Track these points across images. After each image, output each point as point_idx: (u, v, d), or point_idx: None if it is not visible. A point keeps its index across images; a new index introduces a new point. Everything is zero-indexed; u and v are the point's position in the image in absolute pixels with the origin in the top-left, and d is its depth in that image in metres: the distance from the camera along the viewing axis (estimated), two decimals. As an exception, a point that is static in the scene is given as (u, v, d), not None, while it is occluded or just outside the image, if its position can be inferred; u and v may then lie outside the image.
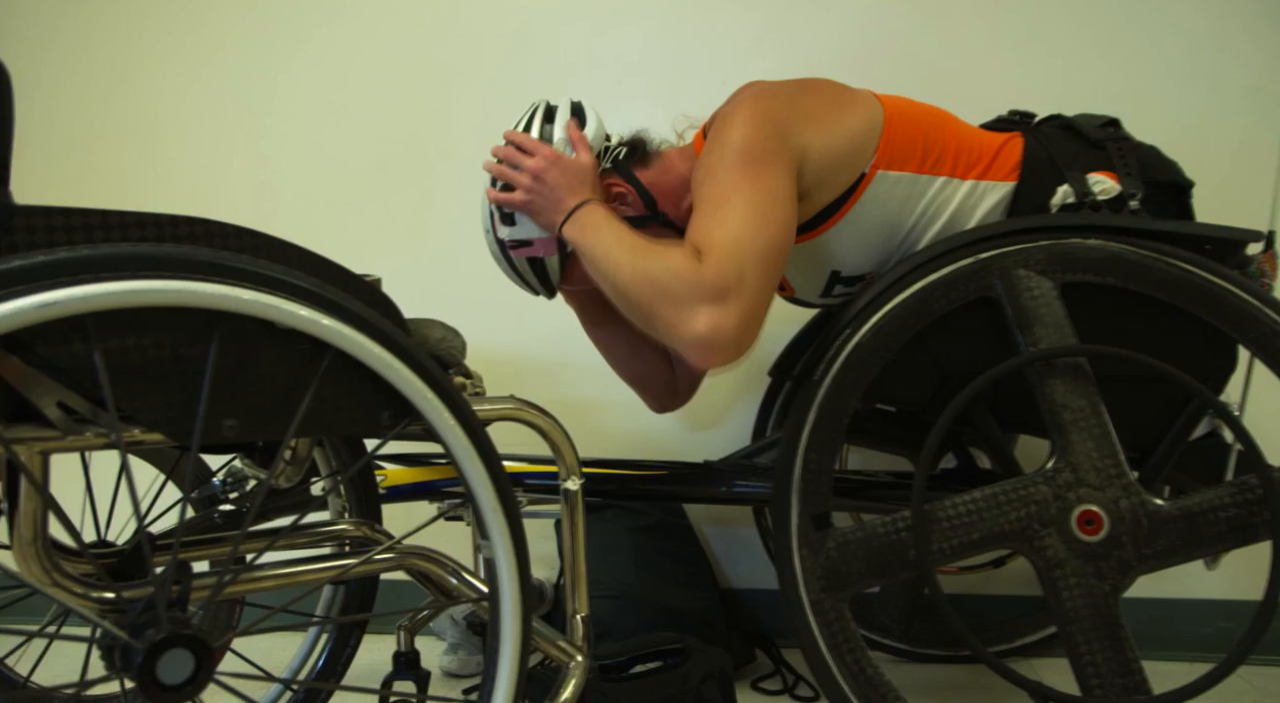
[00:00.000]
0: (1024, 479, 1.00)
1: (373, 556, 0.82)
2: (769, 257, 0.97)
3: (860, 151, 1.06)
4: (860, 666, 0.99)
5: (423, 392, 0.73)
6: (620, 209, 1.13)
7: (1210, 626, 1.46)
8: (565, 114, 1.14)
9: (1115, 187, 1.06)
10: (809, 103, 1.06)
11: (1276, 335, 1.00)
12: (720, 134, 1.03)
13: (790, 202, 1.01)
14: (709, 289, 0.94)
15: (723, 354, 0.96)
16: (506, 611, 0.78)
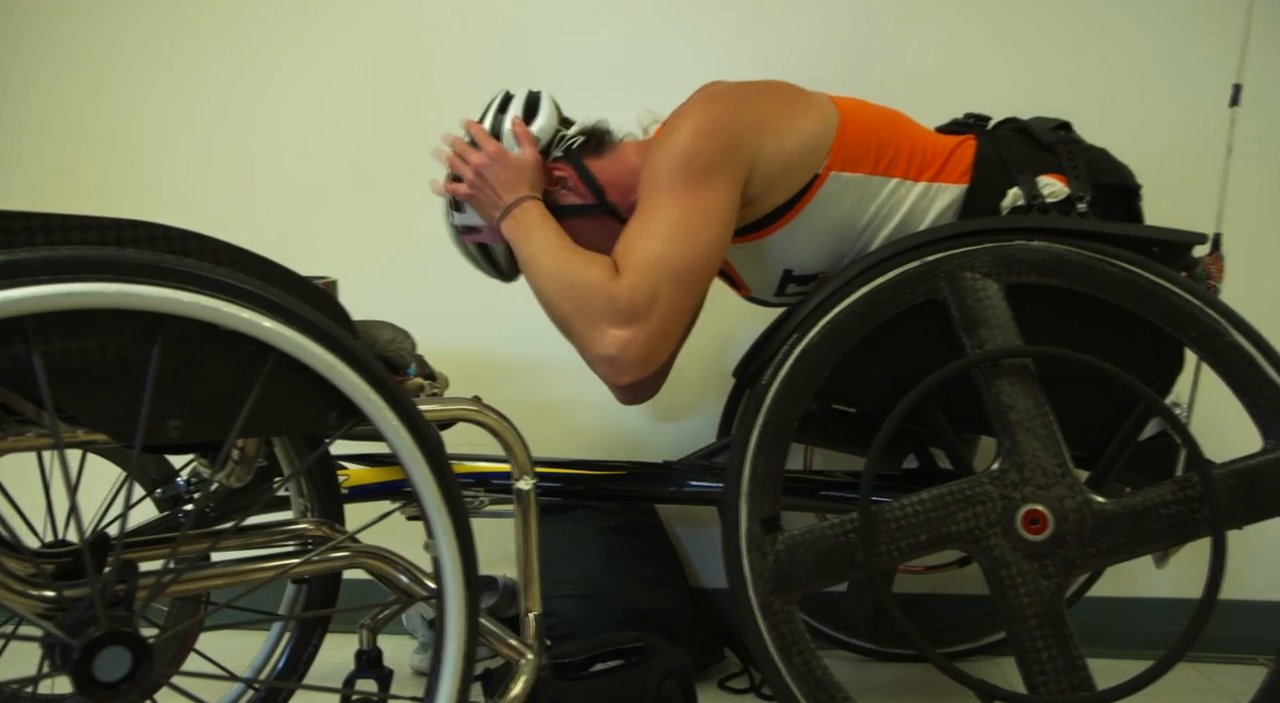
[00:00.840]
0: (970, 480, 1.02)
1: (317, 554, 0.83)
2: (688, 277, 1.01)
3: (814, 154, 1.08)
4: (809, 667, 1.00)
5: (366, 393, 0.75)
6: (564, 195, 1.16)
7: (1175, 624, 1.48)
8: (517, 106, 1.17)
9: (1064, 189, 1.08)
10: (763, 106, 1.08)
11: (1217, 334, 1.02)
12: (668, 140, 1.05)
13: (725, 219, 1.04)
14: (619, 310, 0.99)
15: (629, 372, 1.01)
16: (451, 609, 0.79)
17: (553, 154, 1.18)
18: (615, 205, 1.17)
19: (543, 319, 1.66)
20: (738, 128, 1.05)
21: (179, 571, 0.76)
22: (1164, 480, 1.01)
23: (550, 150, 1.18)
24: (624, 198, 1.17)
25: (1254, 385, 1.01)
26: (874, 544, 1.01)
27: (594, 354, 1.02)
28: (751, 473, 1.03)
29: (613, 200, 1.17)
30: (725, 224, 1.04)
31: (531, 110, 1.18)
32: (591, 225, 1.17)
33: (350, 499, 1.23)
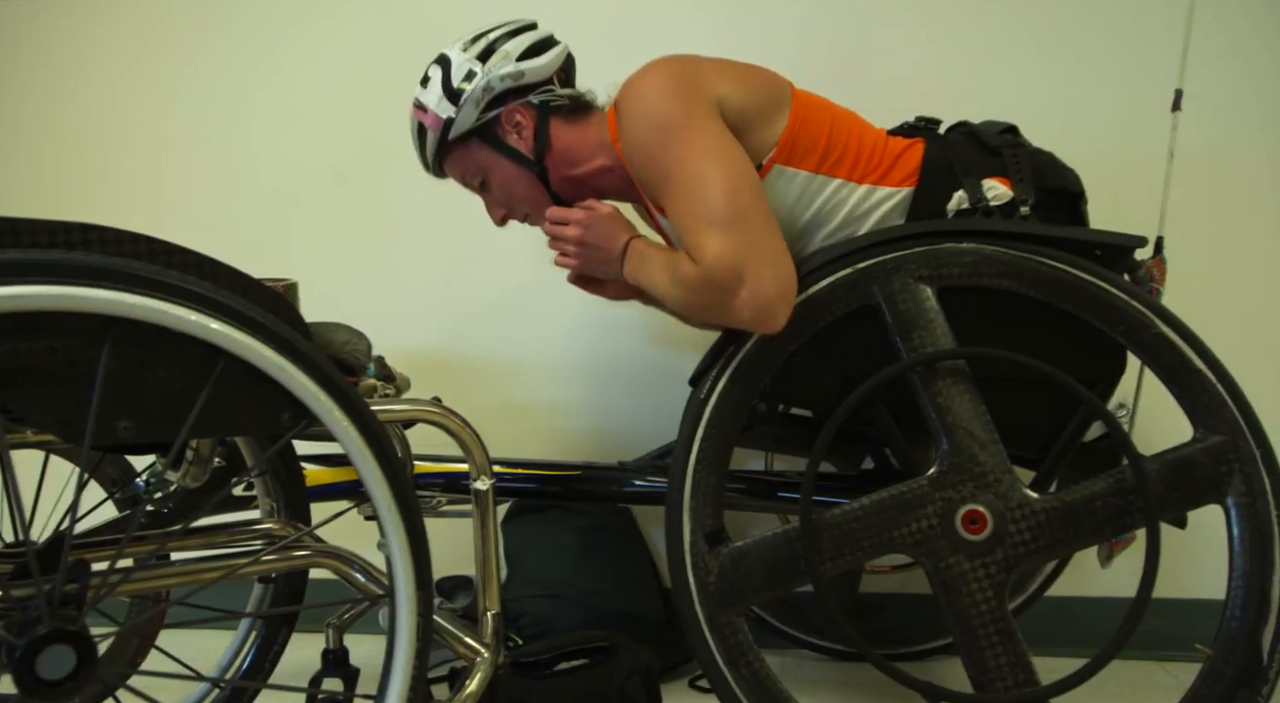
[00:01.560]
0: (910, 484, 1.04)
1: (266, 553, 0.84)
2: (749, 199, 1.02)
3: (768, 127, 1.10)
4: (757, 676, 1.02)
5: (316, 394, 0.76)
6: (511, 136, 1.18)
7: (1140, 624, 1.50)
8: (526, 40, 1.18)
9: (1007, 193, 1.11)
10: (721, 63, 1.12)
11: (1144, 327, 1.05)
12: (638, 117, 1.07)
13: (733, 142, 1.05)
14: (722, 282, 1.00)
15: (780, 314, 1.02)
16: (402, 608, 0.80)
17: (529, 97, 1.18)
18: (548, 170, 1.19)
19: (518, 323, 1.69)
20: (696, 75, 1.08)
21: (129, 570, 0.77)
22: (1099, 474, 1.04)
23: (529, 92, 1.18)
24: (565, 166, 1.19)
25: (1182, 375, 1.04)
26: (818, 552, 1.02)
27: (750, 327, 1.04)
28: (693, 488, 1.05)
29: (548, 165, 1.19)
30: (737, 145, 1.06)
31: (539, 49, 1.19)
32: (516, 174, 1.19)
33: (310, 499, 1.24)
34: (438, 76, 1.17)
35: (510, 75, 1.16)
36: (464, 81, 1.15)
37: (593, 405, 1.67)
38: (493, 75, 1.15)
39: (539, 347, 1.68)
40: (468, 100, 1.15)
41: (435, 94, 1.17)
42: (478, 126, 1.17)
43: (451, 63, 1.17)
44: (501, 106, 1.17)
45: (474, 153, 1.19)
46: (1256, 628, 0.99)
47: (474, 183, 1.23)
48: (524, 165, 1.19)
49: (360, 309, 1.71)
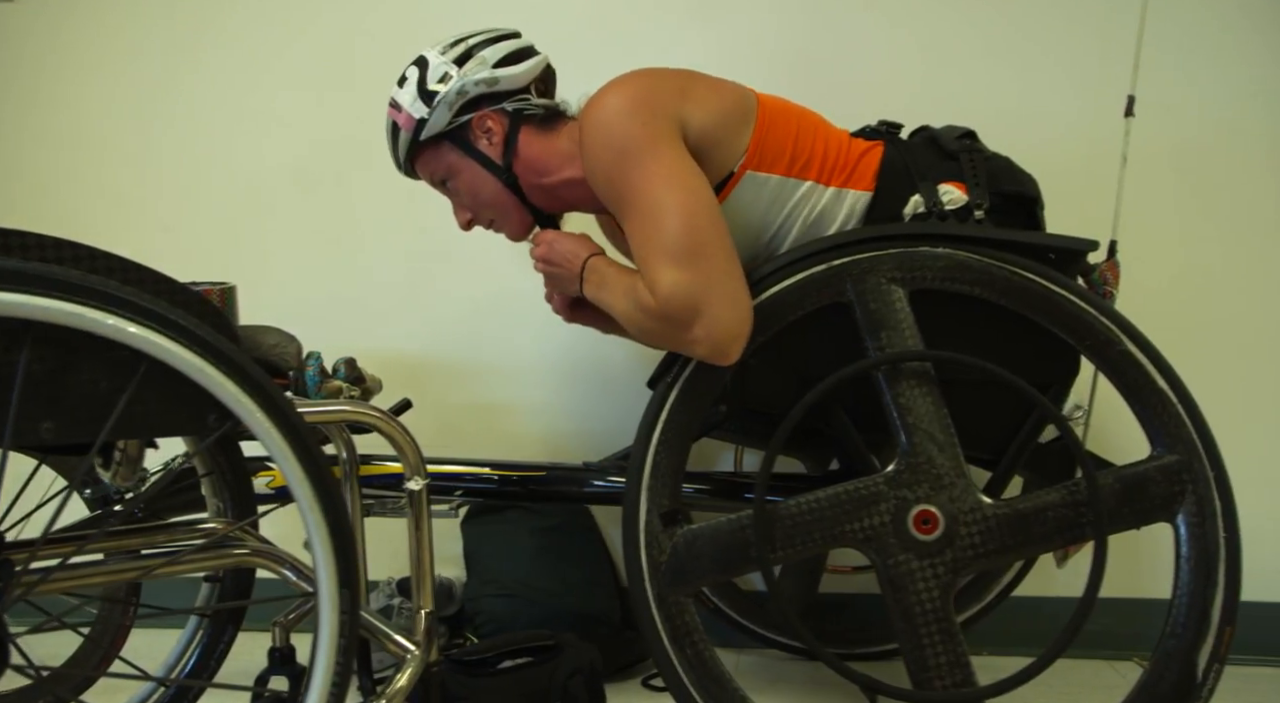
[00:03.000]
0: (865, 480, 1.05)
1: (188, 553, 0.86)
2: (707, 229, 1.02)
3: (735, 139, 1.11)
4: (701, 657, 1.04)
5: (236, 395, 0.78)
6: (481, 142, 1.19)
7: (1095, 623, 1.51)
8: (506, 48, 1.20)
9: (963, 197, 1.11)
10: (681, 80, 1.12)
11: (1110, 343, 1.05)
12: (599, 139, 1.07)
13: (694, 168, 1.06)
14: (675, 315, 1.01)
15: (733, 349, 1.03)
16: (325, 605, 0.82)
17: (502, 105, 1.19)
18: (517, 176, 1.20)
19: (483, 324, 1.71)
20: (657, 98, 1.07)
21: (48, 571, 0.79)
22: (1053, 484, 1.05)
23: (503, 99, 1.19)
24: (534, 175, 1.20)
25: (1144, 394, 1.05)
26: (769, 541, 1.04)
27: (704, 360, 1.05)
28: (653, 468, 1.07)
29: (518, 172, 1.20)
30: (697, 171, 1.06)
31: (516, 58, 1.20)
32: (483, 179, 1.20)
33: (274, 500, 1.27)
34: (414, 77, 1.19)
35: (485, 81, 1.17)
36: (439, 83, 1.17)
37: (563, 407, 1.69)
38: (467, 80, 1.17)
39: (510, 348, 1.70)
40: (441, 102, 1.17)
41: (410, 94, 1.18)
42: (449, 129, 1.19)
43: (429, 64, 1.19)
44: (474, 111, 1.18)
45: (444, 155, 1.21)
46: (1194, 646, 0.99)
47: (442, 185, 1.25)
48: (491, 171, 1.20)
49: (331, 312, 1.75)
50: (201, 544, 0.88)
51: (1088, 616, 1.00)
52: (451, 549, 1.66)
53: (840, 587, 1.61)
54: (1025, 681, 1.00)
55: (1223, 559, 1.01)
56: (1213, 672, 0.99)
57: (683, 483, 1.27)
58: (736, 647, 1.59)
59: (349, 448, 1.14)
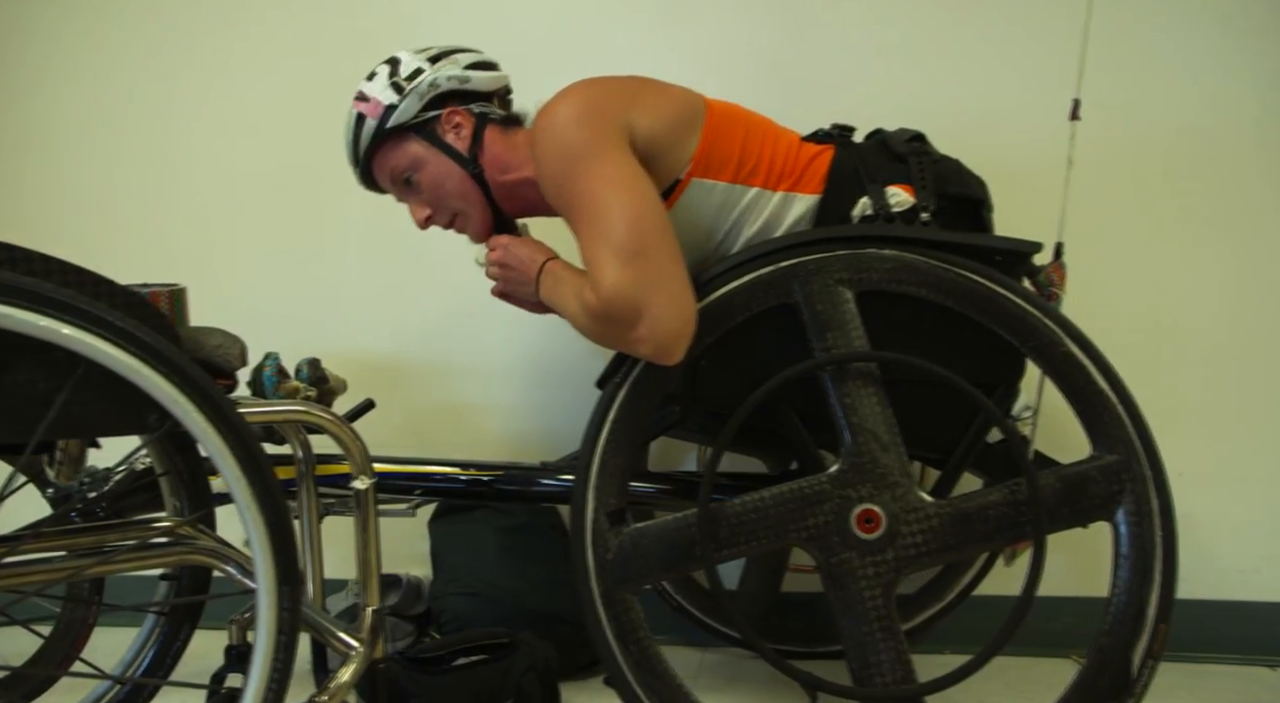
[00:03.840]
0: (810, 479, 1.07)
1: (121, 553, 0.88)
2: (653, 231, 1.04)
3: (683, 145, 1.13)
4: (645, 655, 1.05)
5: (173, 395, 0.80)
6: (449, 135, 1.22)
7: (1056, 622, 1.53)
8: (468, 59, 1.24)
9: (910, 199, 1.13)
10: (631, 86, 1.14)
11: (1054, 345, 1.07)
12: (549, 144, 1.09)
13: (640, 173, 1.07)
14: (618, 315, 1.02)
15: (676, 348, 1.04)
16: (263, 602, 0.84)
17: (470, 105, 1.23)
18: (483, 169, 1.22)
19: (449, 324, 1.73)
20: (606, 104, 1.10)
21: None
22: (999, 479, 1.06)
23: (471, 99, 1.23)
24: (498, 172, 1.22)
25: (1085, 395, 1.07)
26: (714, 539, 1.05)
27: (648, 359, 1.06)
28: (600, 467, 1.09)
29: (483, 164, 1.22)
30: (643, 175, 1.07)
31: (485, 67, 1.25)
32: (449, 170, 1.22)
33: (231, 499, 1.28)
34: (385, 71, 1.22)
35: (457, 78, 1.21)
36: (411, 76, 1.20)
37: (532, 407, 1.70)
38: (440, 74, 1.21)
39: (479, 350, 1.72)
40: (412, 92, 1.20)
41: (381, 84, 1.21)
42: (417, 121, 1.21)
43: (401, 61, 1.22)
44: (443, 107, 1.21)
45: (409, 147, 1.22)
46: (1130, 643, 1.01)
47: (403, 179, 1.25)
48: (459, 163, 1.22)
49: (302, 313, 1.76)
50: (135, 544, 0.89)
51: (1026, 613, 1.02)
52: (420, 548, 1.67)
53: (804, 586, 1.63)
54: (964, 677, 1.02)
55: (1159, 557, 1.02)
56: (1147, 668, 1.01)
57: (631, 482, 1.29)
58: (701, 645, 1.60)
59: (305, 448, 1.15)
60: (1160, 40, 1.51)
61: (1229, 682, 1.44)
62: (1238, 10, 1.51)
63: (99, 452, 1.07)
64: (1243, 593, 1.53)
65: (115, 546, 0.94)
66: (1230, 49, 1.51)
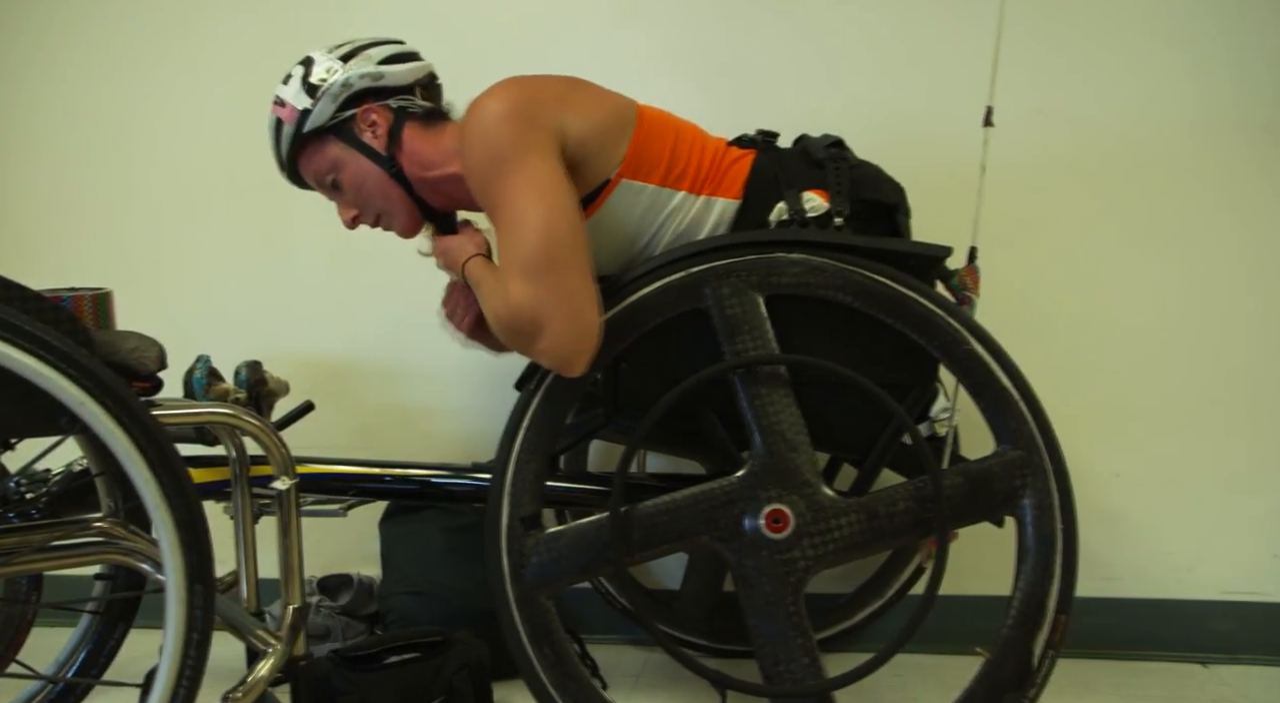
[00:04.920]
0: (720, 481, 1.10)
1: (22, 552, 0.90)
2: (564, 248, 1.05)
3: (612, 148, 1.15)
4: (560, 658, 1.08)
5: (78, 397, 0.83)
6: (366, 134, 1.22)
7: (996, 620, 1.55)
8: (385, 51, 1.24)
9: (824, 205, 1.16)
10: (561, 88, 1.16)
11: (957, 343, 1.10)
12: (477, 138, 1.10)
13: (561, 180, 1.09)
14: (522, 328, 1.05)
15: (579, 361, 1.06)
16: (171, 600, 0.87)
17: (387, 101, 1.23)
18: (401, 167, 1.23)
19: (402, 327, 1.76)
20: (537, 106, 1.11)
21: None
22: (902, 482, 1.09)
23: (387, 95, 1.23)
24: (419, 169, 1.23)
25: (988, 392, 1.09)
26: (626, 542, 1.08)
27: (548, 365, 1.08)
28: (515, 474, 1.11)
29: (401, 162, 1.23)
30: (564, 184, 1.09)
31: (400, 59, 1.24)
32: (367, 170, 1.23)
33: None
34: (299, 73, 1.23)
35: (370, 75, 1.21)
36: (323, 77, 1.21)
37: (481, 409, 1.73)
38: (352, 73, 1.20)
39: (431, 352, 1.75)
40: (325, 94, 1.20)
41: (294, 88, 1.22)
42: (333, 123, 1.22)
43: (314, 61, 1.22)
44: (359, 105, 1.22)
45: (328, 149, 1.24)
46: (1031, 634, 1.04)
47: (326, 180, 1.27)
48: (376, 161, 1.23)
49: (256, 314, 1.80)
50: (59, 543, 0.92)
51: (929, 609, 1.04)
52: (372, 549, 1.70)
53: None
54: (868, 673, 1.05)
55: (1059, 551, 1.05)
56: (1048, 658, 1.04)
57: (569, 484, 1.32)
58: (645, 645, 1.63)
59: (239, 449, 1.18)
60: (1068, 49, 1.56)
61: (1158, 678, 1.46)
62: (1157, 15, 1.55)
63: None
64: (1178, 591, 1.56)
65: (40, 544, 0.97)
66: (1156, 51, 1.55)
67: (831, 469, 1.45)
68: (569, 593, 1.71)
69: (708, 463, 1.53)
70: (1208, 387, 1.56)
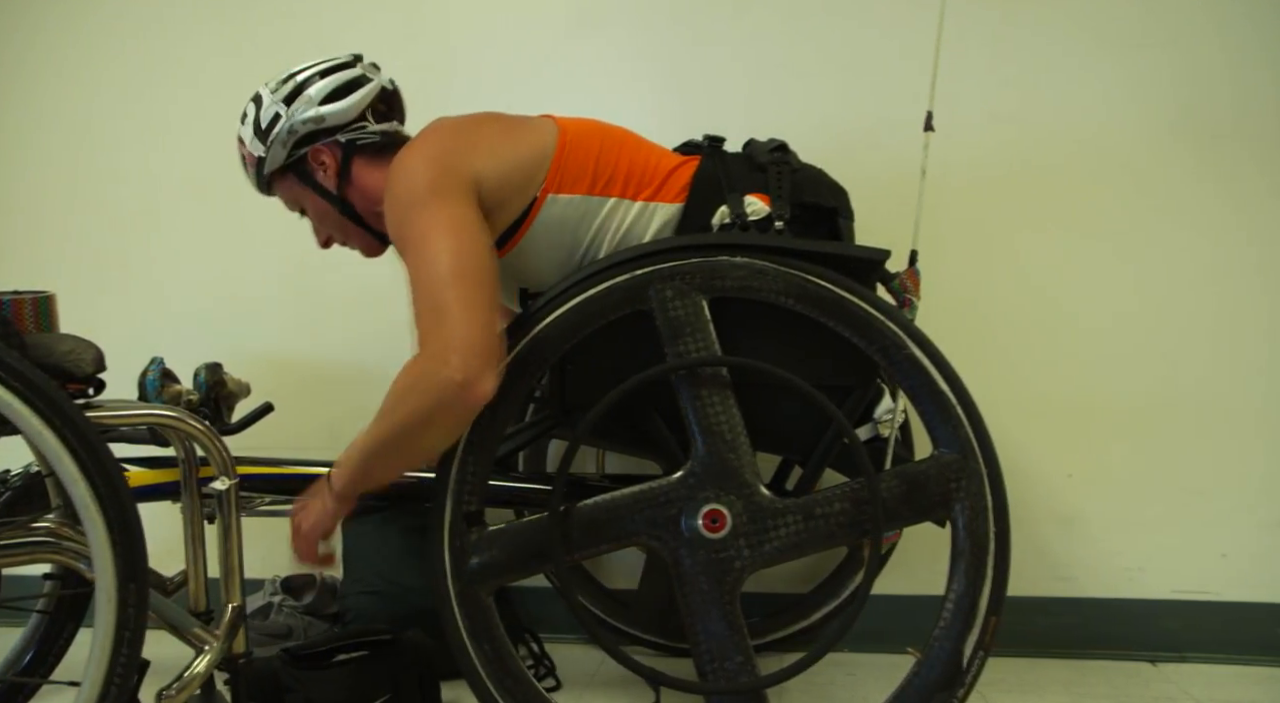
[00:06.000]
0: (660, 481, 1.11)
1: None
2: (469, 284, 1.04)
3: (532, 177, 1.17)
4: (499, 654, 1.09)
5: (4, 399, 0.83)
6: (319, 173, 1.25)
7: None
8: (333, 83, 1.22)
9: (765, 208, 1.17)
10: (479, 133, 1.17)
11: (897, 347, 1.11)
12: (394, 187, 1.12)
13: (471, 224, 1.10)
14: (434, 349, 1.02)
15: (482, 376, 1.02)
16: (100, 599, 0.88)
17: (336, 137, 1.24)
18: (353, 204, 1.26)
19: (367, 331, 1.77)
20: (453, 155, 1.13)
21: None
22: (839, 483, 1.10)
23: (335, 132, 1.23)
24: (369, 204, 1.25)
25: (926, 395, 1.10)
26: (565, 540, 1.09)
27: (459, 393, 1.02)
28: (458, 471, 1.12)
29: (352, 200, 1.26)
30: (474, 228, 1.09)
31: (345, 91, 1.23)
32: (323, 207, 1.26)
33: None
34: (251, 115, 1.25)
35: (312, 119, 1.22)
36: (270, 123, 1.23)
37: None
38: (295, 119, 1.22)
39: (395, 352, 1.74)
40: (274, 141, 1.23)
41: (249, 132, 1.25)
42: (288, 163, 1.25)
43: (262, 103, 1.24)
44: (309, 145, 1.24)
45: (290, 186, 1.28)
46: (963, 635, 1.05)
47: (296, 210, 1.32)
48: (328, 200, 1.26)
49: (221, 318, 1.80)
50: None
51: (861, 608, 1.05)
52: (336, 549, 1.71)
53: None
54: (800, 671, 1.06)
55: (992, 553, 1.06)
56: (978, 659, 1.05)
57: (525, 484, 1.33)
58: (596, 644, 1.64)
59: (188, 451, 1.19)
60: (1005, 55, 1.59)
61: (1106, 676, 1.48)
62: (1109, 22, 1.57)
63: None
64: (1129, 591, 1.57)
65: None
66: (1108, 58, 1.57)
67: (785, 471, 1.47)
68: (529, 593, 1.74)
69: (663, 464, 1.54)
70: (1158, 390, 1.57)
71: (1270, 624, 1.53)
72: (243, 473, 1.20)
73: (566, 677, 1.50)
